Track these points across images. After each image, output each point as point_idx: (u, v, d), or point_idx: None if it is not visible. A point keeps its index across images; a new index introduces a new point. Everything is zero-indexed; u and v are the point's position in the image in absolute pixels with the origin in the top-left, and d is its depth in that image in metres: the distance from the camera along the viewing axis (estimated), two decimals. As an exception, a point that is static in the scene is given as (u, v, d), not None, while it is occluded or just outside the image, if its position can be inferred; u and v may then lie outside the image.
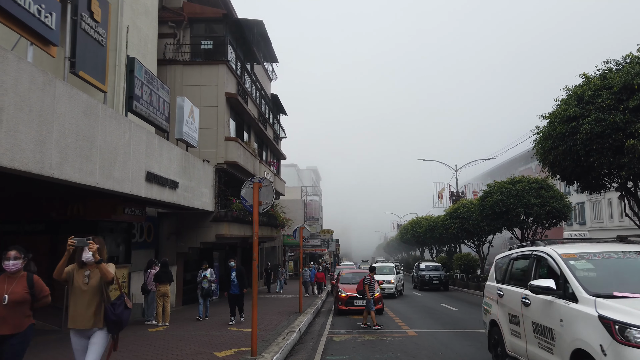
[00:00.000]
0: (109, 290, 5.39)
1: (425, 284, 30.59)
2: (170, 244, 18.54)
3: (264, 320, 14.21)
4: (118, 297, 5.33)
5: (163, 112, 14.05)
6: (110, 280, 5.12)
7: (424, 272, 31.32)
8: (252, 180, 8.50)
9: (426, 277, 30.69)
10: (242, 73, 23.08)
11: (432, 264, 33.55)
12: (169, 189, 13.77)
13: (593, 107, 11.57)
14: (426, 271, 31.59)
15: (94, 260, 5.07)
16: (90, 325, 5.09)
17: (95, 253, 5.03)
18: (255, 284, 8.38)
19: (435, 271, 31.57)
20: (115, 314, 5.14)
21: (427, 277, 30.66)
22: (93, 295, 5.13)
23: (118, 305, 5.22)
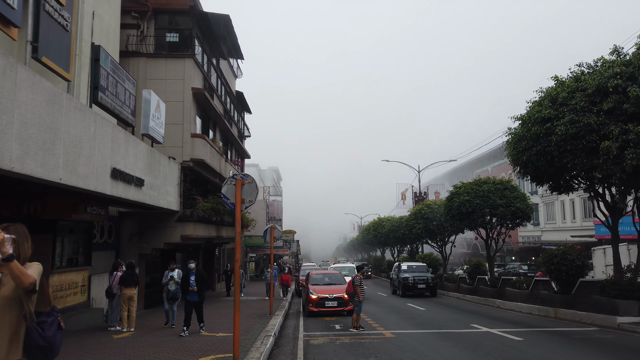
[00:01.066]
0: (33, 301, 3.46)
1: (409, 289, 25.20)
2: (132, 245, 17.64)
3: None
4: (48, 312, 3.50)
5: (129, 106, 13.28)
6: (29, 288, 3.17)
7: (407, 275, 25.92)
8: (234, 177, 8.03)
9: (410, 280, 25.30)
10: (209, 68, 22.35)
11: (416, 264, 27.94)
12: (134, 186, 13.01)
13: (567, 108, 11.79)
14: (409, 272, 26.29)
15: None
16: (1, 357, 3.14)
17: (3, 246, 3.03)
18: (238, 286, 7.92)
19: (420, 273, 26.25)
20: (44, 338, 3.28)
21: (411, 280, 25.28)
22: (5, 311, 3.18)
23: (49, 324, 3.39)
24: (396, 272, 28.00)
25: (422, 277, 25.45)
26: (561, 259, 15.54)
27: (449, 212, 22.30)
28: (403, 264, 28.24)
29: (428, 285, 25.27)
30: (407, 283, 25.32)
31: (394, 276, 28.39)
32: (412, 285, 25.16)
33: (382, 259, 52.81)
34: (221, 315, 16.00)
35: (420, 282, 25.19)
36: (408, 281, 25.30)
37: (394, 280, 28.15)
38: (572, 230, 40.55)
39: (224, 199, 8.15)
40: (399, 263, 29.20)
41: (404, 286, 25.39)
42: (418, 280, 25.31)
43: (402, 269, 27.09)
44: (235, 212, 7.83)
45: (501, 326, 13.32)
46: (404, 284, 25.40)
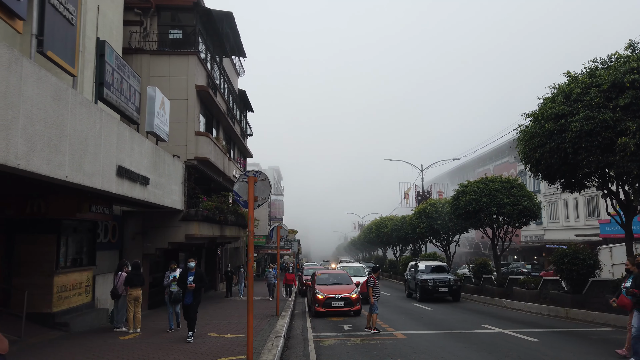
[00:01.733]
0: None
1: (428, 293, 21.56)
2: (135, 244, 17.39)
3: (242, 325, 13.43)
4: None
5: (134, 102, 13.03)
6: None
7: (426, 276, 22.22)
8: (246, 174, 7.79)
9: (429, 283, 21.65)
10: (212, 65, 22.11)
11: (435, 264, 24.21)
12: (139, 185, 12.78)
13: (582, 105, 11.55)
14: (427, 273, 22.66)
15: None
16: None
17: None
18: (251, 287, 7.67)
19: (441, 274, 22.51)
20: None
21: (431, 283, 21.64)
22: None
23: None
24: (412, 273, 24.09)
25: (444, 279, 21.88)
26: (572, 258, 15.31)
27: (455, 211, 22.06)
28: (420, 263, 24.37)
29: (450, 289, 21.63)
30: (426, 286, 21.71)
31: (409, 277, 24.73)
32: (432, 289, 21.58)
33: (384, 259, 52.56)
34: (226, 316, 15.77)
35: (441, 285, 21.58)
36: (427, 284, 21.71)
37: (409, 282, 24.48)
38: (576, 229, 40.33)
39: (236, 196, 7.91)
40: (415, 262, 24.93)
41: (423, 290, 21.75)
42: (439, 282, 21.65)
43: (420, 270, 23.41)
44: (248, 210, 7.59)
45: (513, 326, 13.09)
46: (423, 287, 21.75)
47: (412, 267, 24.85)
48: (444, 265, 24.21)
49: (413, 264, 25.28)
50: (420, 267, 23.65)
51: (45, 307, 11.51)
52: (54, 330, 11.41)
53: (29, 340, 10.18)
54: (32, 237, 11.86)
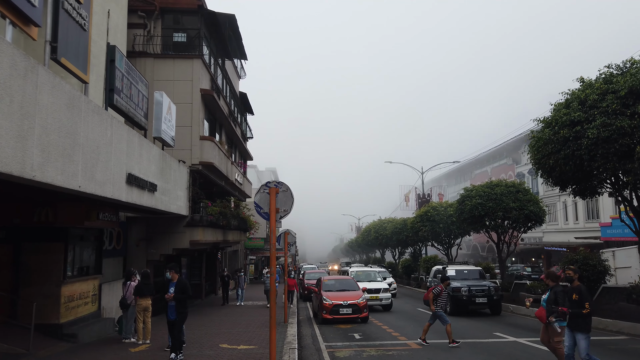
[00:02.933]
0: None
1: (462, 305, 17.67)
2: (139, 251, 17.14)
3: (251, 334, 13.23)
4: None
5: (142, 108, 12.79)
6: None
7: (458, 284, 18.14)
8: (267, 185, 7.59)
9: (463, 292, 17.64)
10: (215, 69, 21.87)
11: (467, 268, 20.34)
12: (147, 192, 12.55)
13: (598, 111, 11.45)
14: (460, 280, 18.60)
15: None
16: None
17: None
18: (274, 299, 7.47)
19: (476, 281, 18.61)
20: None
21: (465, 292, 17.64)
22: None
23: None
24: (439, 280, 20.58)
25: (482, 287, 17.75)
26: (582, 264, 15.23)
27: (461, 215, 21.95)
28: (450, 267, 20.53)
29: (491, 299, 17.58)
30: (459, 296, 17.60)
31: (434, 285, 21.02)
32: (468, 300, 17.47)
33: (382, 261, 52.46)
34: (233, 324, 15.53)
35: (479, 295, 17.52)
36: (461, 293, 17.60)
37: None
38: (575, 231, 40.38)
39: (256, 208, 7.71)
40: (443, 267, 21.19)
41: (456, 300, 17.64)
42: (476, 291, 17.61)
43: (450, 276, 18.25)
44: (270, 222, 7.39)
45: (527, 335, 12.95)
46: (455, 298, 17.65)
47: (439, 273, 20.63)
48: (478, 270, 20.09)
49: (439, 268, 21.59)
50: (449, 273, 19.33)
51: (53, 317, 11.25)
52: (62, 341, 11.14)
53: (37, 352, 9.92)
54: (40, 246, 11.60)
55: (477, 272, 19.96)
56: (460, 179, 68.46)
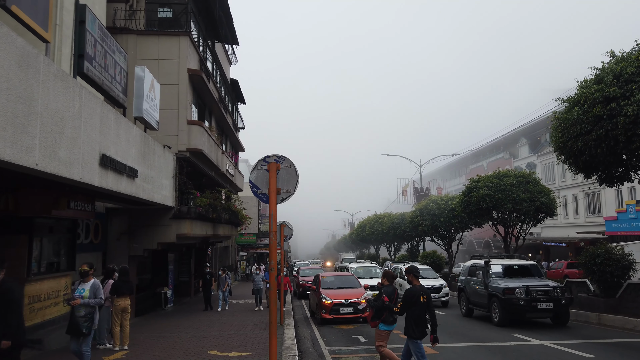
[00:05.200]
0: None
1: (518, 312, 13.28)
2: (121, 245, 15.63)
3: (245, 337, 11.81)
4: None
5: (120, 82, 11.27)
6: None
7: (510, 283, 13.74)
8: (265, 160, 6.17)
9: (519, 294, 13.13)
10: (204, 50, 20.34)
11: (518, 263, 15.57)
12: (127, 178, 11.06)
13: (636, 85, 10.14)
14: (509, 279, 14.26)
15: None
16: None
17: None
18: (274, 301, 6.04)
19: (534, 280, 14.16)
20: None
21: (522, 294, 13.11)
22: None
23: None
24: (479, 280, 15.18)
25: (543, 287, 13.33)
26: (605, 258, 13.99)
27: (467, 207, 20.66)
28: (494, 263, 15.34)
29: (558, 304, 13.06)
30: (514, 300, 13.13)
31: (469, 286, 16.13)
32: (526, 305, 12.97)
33: (377, 257, 51.20)
34: (224, 325, 14.08)
35: (541, 298, 13.01)
36: (516, 296, 13.13)
37: (469, 293, 16.05)
38: (576, 226, 39.40)
39: (252, 188, 6.28)
40: (486, 261, 15.41)
41: (508, 306, 13.23)
42: (537, 293, 13.08)
43: (494, 272, 14.84)
44: (270, 205, 5.98)
45: (550, 336, 11.65)
46: (508, 303, 13.20)
47: (478, 270, 15.59)
48: (532, 265, 15.44)
49: (476, 264, 16.19)
50: (494, 269, 14.95)
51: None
52: (25, 348, 9.61)
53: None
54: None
55: (531, 268, 15.20)
56: (455, 174, 67.45)
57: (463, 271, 17.39)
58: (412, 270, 7.41)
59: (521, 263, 15.67)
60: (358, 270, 20.99)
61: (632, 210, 28.13)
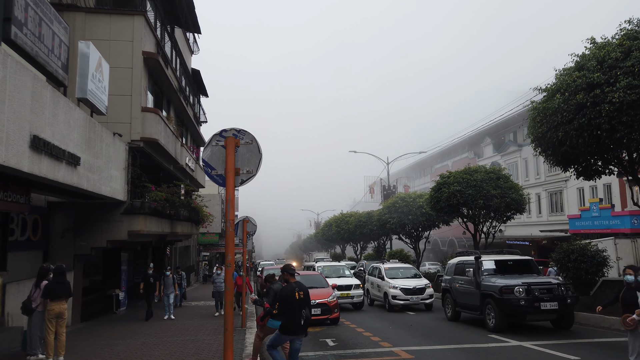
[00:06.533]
0: None
1: (518, 313, 11.66)
2: (65, 243, 14.17)
3: (203, 343, 10.68)
4: None
5: (59, 57, 9.93)
6: None
7: (506, 281, 12.06)
8: (222, 135, 5.13)
9: (519, 293, 11.49)
10: (162, 34, 18.98)
11: (513, 258, 13.68)
12: (66, 165, 9.75)
13: (621, 72, 9.62)
14: (506, 277, 12.46)
15: None
16: None
17: None
18: (231, 301, 5.00)
19: (533, 277, 12.48)
20: None
21: (522, 293, 11.48)
22: None
23: None
24: (469, 278, 13.42)
25: (546, 285, 11.70)
26: (579, 255, 13.58)
27: (437, 204, 20.06)
28: (485, 259, 13.48)
29: (562, 304, 11.49)
30: (513, 300, 11.45)
31: (456, 285, 14.32)
32: (527, 305, 11.31)
33: (343, 256, 50.55)
34: (180, 330, 12.88)
35: (545, 298, 11.33)
36: (515, 295, 11.45)
37: (456, 293, 14.30)
38: (539, 225, 39.82)
39: (205, 168, 5.24)
40: (477, 258, 13.36)
41: (508, 308, 11.54)
42: (539, 292, 11.47)
43: (486, 269, 12.98)
44: (227, 188, 4.95)
45: (527, 337, 11.02)
46: (508, 304, 11.51)
47: (467, 267, 13.77)
48: (526, 260, 13.53)
49: (464, 261, 14.29)
50: (485, 265, 13.08)
51: None
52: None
53: None
54: None
55: (526, 264, 13.30)
56: (421, 173, 67.69)
57: (448, 270, 15.49)
58: (287, 269, 7.33)
59: (516, 258, 13.72)
60: (325, 269, 20.04)
61: (595, 209, 28.38)
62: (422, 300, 17.31)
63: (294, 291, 6.91)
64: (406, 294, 17.08)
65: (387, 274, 18.18)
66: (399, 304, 17.13)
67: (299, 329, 6.92)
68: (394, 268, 19.09)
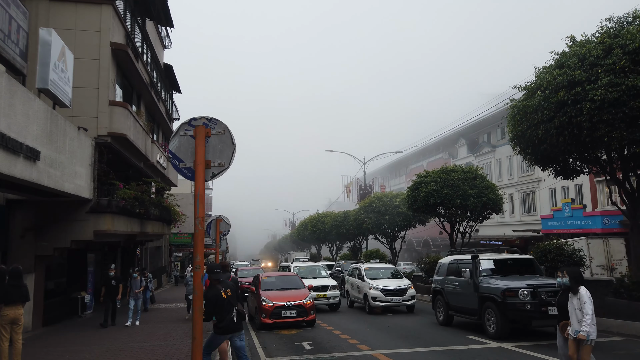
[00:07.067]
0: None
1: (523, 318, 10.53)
2: (26, 243, 13.38)
3: (173, 348, 10.15)
4: None
5: (17, 44, 9.25)
6: None
7: (509, 282, 10.86)
8: (191, 124, 4.68)
9: (523, 297, 10.32)
10: (132, 26, 18.22)
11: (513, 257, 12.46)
12: (24, 159, 9.09)
13: (602, 69, 9.52)
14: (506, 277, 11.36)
15: None
16: None
17: None
18: (199, 306, 4.55)
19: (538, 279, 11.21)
20: None
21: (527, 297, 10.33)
22: None
23: None
24: (465, 280, 12.13)
25: (553, 287, 10.23)
26: (557, 254, 13.56)
27: (414, 203, 19.88)
28: (483, 258, 12.17)
29: None
30: (518, 305, 10.30)
31: (448, 287, 13.19)
32: (534, 310, 10.21)
33: (318, 257, 50.21)
34: (149, 335, 12.27)
35: (553, 301, 9.76)
36: (519, 299, 10.32)
37: (449, 296, 13.14)
38: (511, 225, 40.27)
39: (172, 160, 4.77)
40: (474, 257, 12.08)
41: (513, 312, 10.40)
42: (546, 295, 10.25)
43: (484, 270, 11.81)
44: (196, 182, 4.50)
45: (507, 339, 10.85)
46: (511, 308, 10.37)
47: (463, 266, 12.42)
48: (528, 260, 12.26)
49: (459, 259, 13.07)
50: (483, 265, 11.90)
51: None
52: None
53: None
54: None
55: (528, 264, 12.08)
56: (396, 174, 67.97)
57: (440, 270, 14.13)
58: (210, 271, 7.11)
59: (517, 257, 12.44)
60: (301, 269, 19.61)
61: (567, 209, 28.78)
62: (404, 301, 16.48)
63: (219, 292, 6.72)
64: (387, 295, 16.34)
65: (367, 274, 17.53)
66: (379, 305, 16.35)
67: (233, 326, 6.78)
68: (374, 268, 18.39)
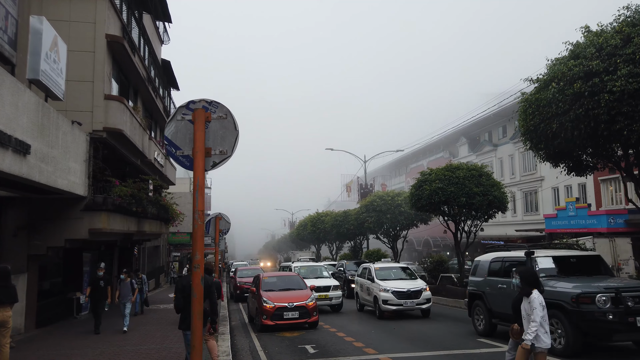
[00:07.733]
0: None
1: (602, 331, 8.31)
2: (18, 242, 12.89)
3: (170, 352, 9.67)
4: None
5: (5, 31, 8.78)
6: None
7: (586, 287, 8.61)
8: (189, 108, 4.21)
9: (601, 304, 8.19)
10: (129, 19, 17.74)
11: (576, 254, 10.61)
12: (13, 153, 8.61)
13: (621, 59, 9.06)
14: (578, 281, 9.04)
15: None
16: None
17: None
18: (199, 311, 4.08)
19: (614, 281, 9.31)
20: None
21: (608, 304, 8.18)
22: None
23: None
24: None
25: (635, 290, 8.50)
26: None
27: (418, 202, 19.41)
28: (540, 256, 10.09)
29: None
30: (597, 314, 8.24)
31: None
32: (618, 320, 8.14)
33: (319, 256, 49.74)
34: (145, 337, 11.79)
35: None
36: (597, 306, 8.26)
37: (491, 300, 11.25)
38: (514, 224, 39.85)
39: (168, 148, 4.31)
40: (528, 254, 10.16)
41: (589, 323, 8.34)
42: (634, 302, 8.26)
43: (543, 270, 9.67)
44: (195, 172, 4.04)
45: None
46: (588, 318, 8.33)
47: (512, 265, 10.50)
48: (595, 257, 10.51)
49: (506, 257, 11.09)
50: (542, 264, 9.87)
51: None
52: None
53: None
54: None
55: (594, 262, 10.15)
56: (396, 173, 67.57)
57: (479, 269, 12.09)
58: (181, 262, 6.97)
59: (580, 254, 10.47)
60: (302, 269, 19.14)
61: (572, 208, 28.36)
62: (418, 305, 15.00)
63: (189, 283, 6.25)
64: (399, 298, 14.89)
65: (378, 274, 16.26)
66: (390, 309, 14.96)
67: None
68: (385, 268, 16.99)
